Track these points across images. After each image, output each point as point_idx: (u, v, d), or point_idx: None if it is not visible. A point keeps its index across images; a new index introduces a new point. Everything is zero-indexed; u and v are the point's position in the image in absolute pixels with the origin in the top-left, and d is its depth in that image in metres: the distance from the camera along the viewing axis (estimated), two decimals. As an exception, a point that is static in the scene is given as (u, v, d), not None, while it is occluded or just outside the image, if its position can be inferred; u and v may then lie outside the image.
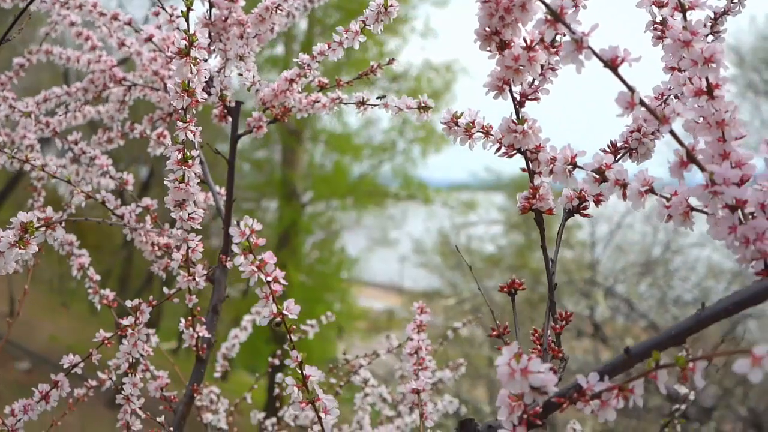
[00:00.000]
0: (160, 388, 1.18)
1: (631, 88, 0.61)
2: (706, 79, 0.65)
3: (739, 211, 0.63)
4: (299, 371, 0.78)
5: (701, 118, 0.66)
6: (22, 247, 0.81)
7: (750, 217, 0.63)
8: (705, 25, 0.86)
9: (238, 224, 0.75)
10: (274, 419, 1.52)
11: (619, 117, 0.61)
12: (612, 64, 0.61)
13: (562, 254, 8.55)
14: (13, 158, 1.14)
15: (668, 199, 0.67)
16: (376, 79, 1.20)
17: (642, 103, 0.61)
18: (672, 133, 0.62)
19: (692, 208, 0.65)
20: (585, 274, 7.02)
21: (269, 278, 0.76)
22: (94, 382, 1.28)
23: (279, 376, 1.32)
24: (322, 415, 0.78)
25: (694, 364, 0.54)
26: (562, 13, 0.61)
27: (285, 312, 0.77)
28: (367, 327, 11.02)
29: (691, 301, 6.63)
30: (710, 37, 0.85)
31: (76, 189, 1.15)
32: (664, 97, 0.83)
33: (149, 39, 1.22)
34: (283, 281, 0.76)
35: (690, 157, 0.62)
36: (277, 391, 1.51)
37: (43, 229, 0.81)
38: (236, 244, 0.75)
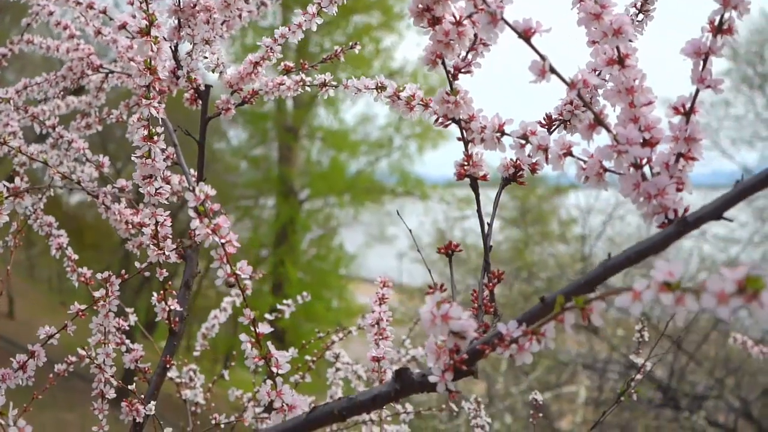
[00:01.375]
0: (135, 360, 1.23)
1: (542, 57, 0.66)
2: (617, 48, 0.70)
3: (647, 170, 0.68)
4: (253, 329, 0.83)
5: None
6: (-8, 216, 0.87)
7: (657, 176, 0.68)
8: (635, 5, 0.91)
9: (194, 190, 0.79)
10: (249, 394, 1.57)
11: (532, 83, 0.66)
12: (525, 35, 0.66)
13: (557, 249, 8.61)
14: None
15: (585, 162, 0.72)
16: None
17: (552, 70, 0.66)
18: (580, 97, 0.67)
19: (605, 169, 0.70)
20: (577, 266, 7.07)
21: (223, 240, 0.81)
22: (73, 358, 1.33)
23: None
24: (274, 369, 0.84)
25: (591, 305, 0.59)
26: (479, -13, 0.66)
27: (238, 272, 0.82)
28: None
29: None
30: (640, 16, 0.90)
31: (52, 170, 1.20)
32: (597, 71, 0.88)
33: (123, 27, 1.27)
34: (236, 243, 0.81)
35: (598, 120, 0.67)
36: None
37: (11, 198, 0.86)
38: (191, 208, 0.79)
